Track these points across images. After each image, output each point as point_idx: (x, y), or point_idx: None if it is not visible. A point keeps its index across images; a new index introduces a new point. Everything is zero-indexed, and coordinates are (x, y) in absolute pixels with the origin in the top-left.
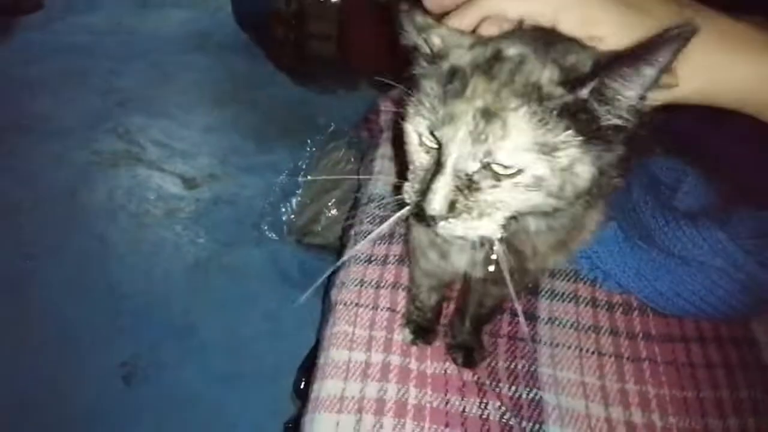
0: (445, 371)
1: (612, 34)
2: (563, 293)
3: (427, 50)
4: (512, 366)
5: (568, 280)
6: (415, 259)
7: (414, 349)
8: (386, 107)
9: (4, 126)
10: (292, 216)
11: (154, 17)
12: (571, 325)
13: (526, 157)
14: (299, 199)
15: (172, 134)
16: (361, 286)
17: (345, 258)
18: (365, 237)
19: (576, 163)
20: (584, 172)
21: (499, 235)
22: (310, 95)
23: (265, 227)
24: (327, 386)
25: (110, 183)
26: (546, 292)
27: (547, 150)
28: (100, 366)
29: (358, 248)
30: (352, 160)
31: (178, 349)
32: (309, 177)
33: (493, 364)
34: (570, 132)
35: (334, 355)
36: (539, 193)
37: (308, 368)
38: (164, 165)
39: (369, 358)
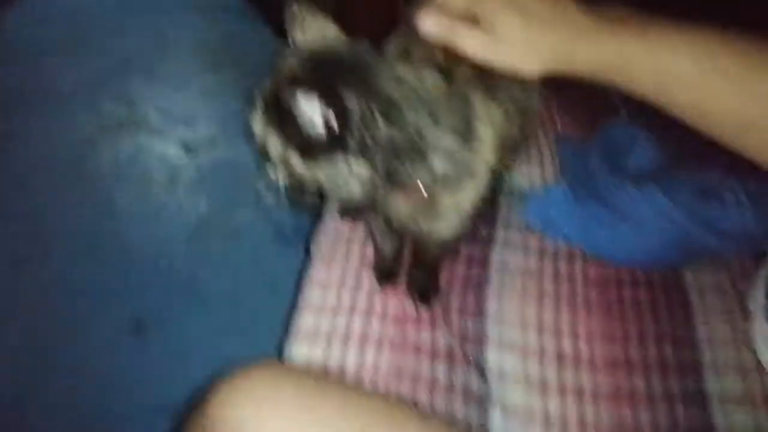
0: (404, 309)
1: (514, 55)
2: (515, 243)
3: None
4: (463, 303)
5: (521, 233)
6: None
7: (378, 292)
8: None
9: (13, 89)
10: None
11: None
12: (519, 270)
13: None
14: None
15: (171, 99)
16: (336, 241)
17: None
18: None
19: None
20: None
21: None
22: None
23: (262, 190)
24: (303, 321)
25: (115, 148)
26: (500, 241)
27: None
28: (113, 319)
29: (335, 207)
30: None
31: (183, 305)
32: None
33: (445, 301)
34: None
35: (310, 296)
36: None
37: None
38: (165, 130)
39: (340, 298)
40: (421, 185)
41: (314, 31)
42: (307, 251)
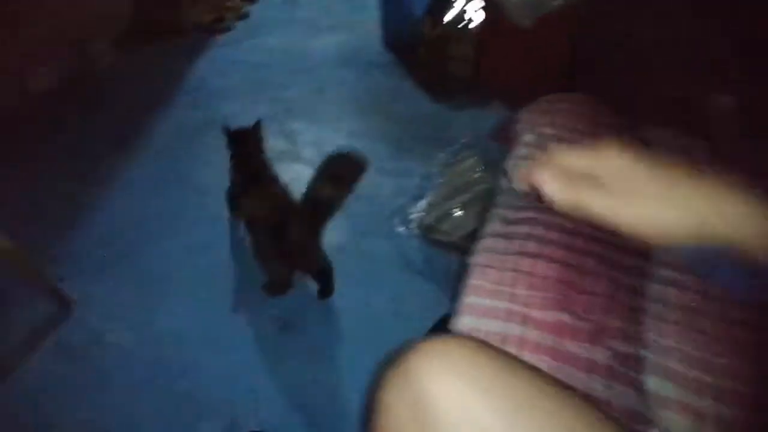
0: (560, 319)
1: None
2: (671, 280)
3: None
4: (622, 327)
5: (678, 271)
6: None
7: (534, 301)
8: (523, 119)
9: (203, 123)
10: (422, 213)
11: (316, 40)
12: (677, 305)
13: None
14: (430, 199)
15: (324, 138)
16: (492, 253)
17: (481, 235)
18: (498, 217)
19: None
20: None
21: None
22: (444, 110)
23: (396, 223)
24: (463, 321)
25: None
26: (657, 276)
27: None
28: (261, 315)
29: (494, 226)
30: (481, 168)
31: (319, 312)
32: (441, 180)
33: (604, 322)
34: None
35: (469, 300)
36: None
37: None
38: (317, 163)
39: (496, 305)
40: None
41: None
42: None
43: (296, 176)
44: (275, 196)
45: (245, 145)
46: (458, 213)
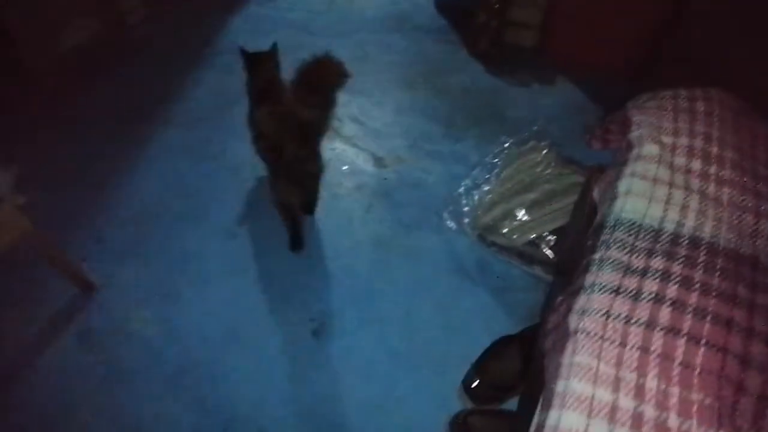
0: (717, 427)
1: None
2: None
3: None
4: None
5: None
6: None
7: (674, 402)
8: (636, 121)
9: (239, 91)
10: (478, 211)
11: None
12: None
13: None
14: (489, 195)
15: (367, 112)
16: (607, 318)
17: (586, 284)
18: (613, 265)
19: None
20: None
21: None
22: (502, 85)
23: (446, 216)
24: (568, 417)
25: None
26: None
27: None
28: (294, 315)
29: (608, 276)
30: (553, 164)
31: (358, 317)
32: (503, 174)
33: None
34: None
35: (576, 387)
36: None
37: (480, 369)
38: (358, 141)
39: (617, 400)
40: None
41: None
42: (542, 315)
43: (335, 156)
44: (283, 116)
45: (261, 68)
46: (522, 215)
